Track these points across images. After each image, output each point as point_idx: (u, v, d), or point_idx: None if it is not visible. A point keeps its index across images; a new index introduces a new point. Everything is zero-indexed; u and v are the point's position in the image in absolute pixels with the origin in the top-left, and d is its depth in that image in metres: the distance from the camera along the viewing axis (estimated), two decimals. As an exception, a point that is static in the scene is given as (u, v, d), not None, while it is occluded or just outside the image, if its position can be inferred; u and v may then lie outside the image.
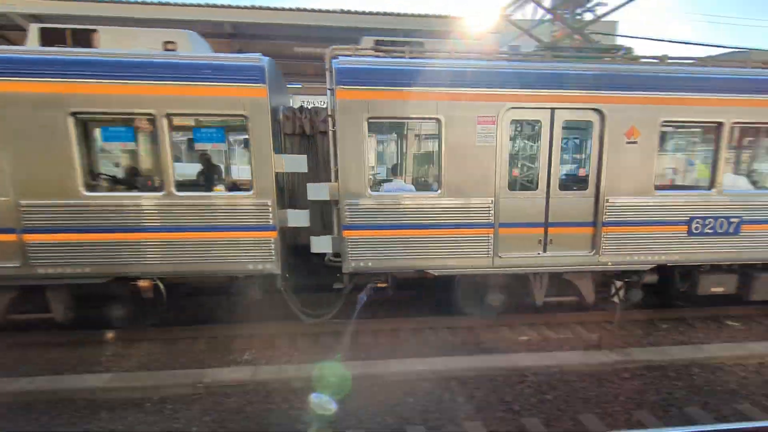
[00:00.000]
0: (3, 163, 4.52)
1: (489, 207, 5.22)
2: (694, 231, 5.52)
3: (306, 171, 5.33)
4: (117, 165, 6.04)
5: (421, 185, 6.02)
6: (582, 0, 10.25)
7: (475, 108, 5.05)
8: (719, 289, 5.93)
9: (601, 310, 6.10)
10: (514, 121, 5.32)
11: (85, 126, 5.30)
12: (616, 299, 5.37)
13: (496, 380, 4.59)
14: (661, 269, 5.73)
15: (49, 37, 5.07)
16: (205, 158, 6.34)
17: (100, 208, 4.75)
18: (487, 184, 5.20)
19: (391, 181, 5.57)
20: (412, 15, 12.71)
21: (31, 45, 5.05)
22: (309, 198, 5.20)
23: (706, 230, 5.56)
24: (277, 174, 5.04)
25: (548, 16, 11.75)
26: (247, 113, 4.81)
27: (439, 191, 5.17)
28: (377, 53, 5.29)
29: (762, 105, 5.38)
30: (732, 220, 5.56)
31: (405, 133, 6.11)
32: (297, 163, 5.23)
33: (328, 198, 5.15)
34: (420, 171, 6.34)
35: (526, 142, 5.81)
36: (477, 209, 5.22)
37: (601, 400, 4.26)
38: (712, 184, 5.54)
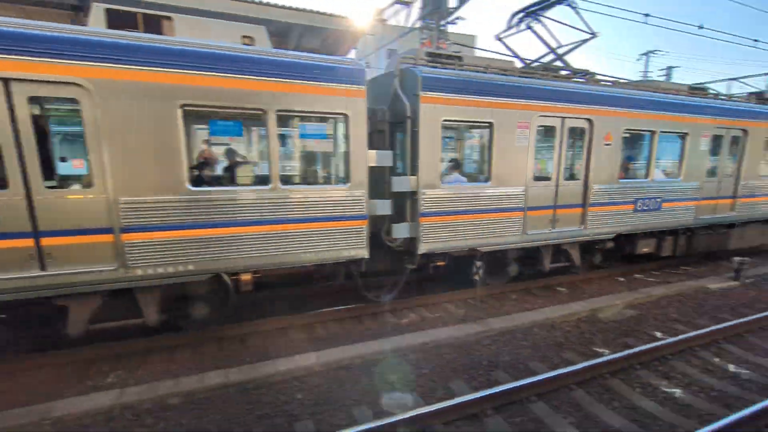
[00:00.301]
0: (103, 157, 4.04)
1: (522, 194, 6.36)
2: (638, 208, 7.52)
3: (391, 165, 5.70)
4: (223, 159, 5.62)
5: (472, 177, 6.74)
6: (445, 13, 11.22)
7: (516, 115, 6.09)
8: (646, 249, 8.15)
9: (466, 289, 6.88)
10: (540, 127, 6.40)
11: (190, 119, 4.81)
12: (476, 278, 6.09)
13: (380, 363, 4.82)
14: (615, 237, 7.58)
15: (117, 20, 4.42)
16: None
17: (207, 203, 4.52)
18: (521, 176, 6.32)
19: (448, 174, 6.23)
20: (293, 8, 12.26)
21: (96, 26, 4.29)
22: (393, 189, 5.64)
23: (644, 207, 7.60)
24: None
25: (419, 24, 12.57)
26: (348, 112, 5.05)
27: (489, 182, 6.11)
28: (438, 64, 5.89)
29: (675, 120, 7.55)
30: (657, 200, 7.70)
31: (462, 133, 6.77)
32: (385, 157, 5.57)
33: (409, 189, 5.65)
34: (472, 165, 7.15)
35: (545, 143, 6.86)
36: (514, 196, 6.31)
37: (467, 367, 4.80)
38: (647, 174, 7.57)
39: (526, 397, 4.08)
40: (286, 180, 5.19)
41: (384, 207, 5.64)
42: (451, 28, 12.72)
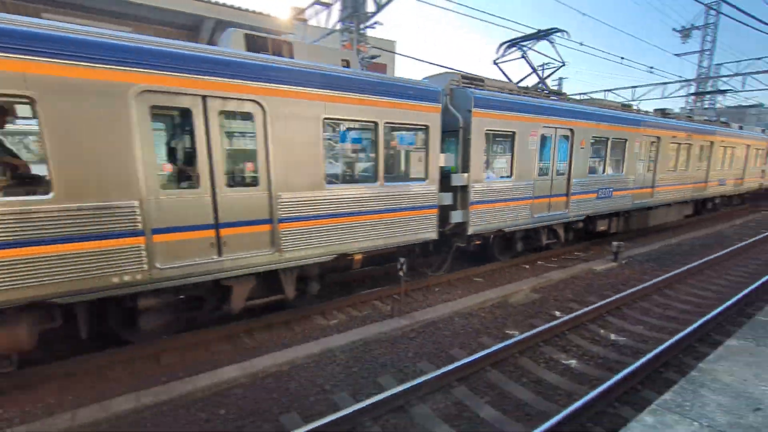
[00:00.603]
0: (268, 160, 4.77)
1: (531, 186, 8.07)
2: (599, 196, 9.69)
3: (453, 165, 6.93)
4: (341, 161, 6.69)
5: (496, 174, 8.07)
6: (364, 17, 11.31)
7: (530, 126, 7.78)
8: (603, 228, 10.37)
9: (393, 284, 7.01)
10: (542, 135, 8.09)
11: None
12: (401, 273, 6.24)
13: (310, 367, 4.70)
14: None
15: (252, 44, 5.12)
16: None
17: (335, 197, 5.44)
18: (531, 173, 8.04)
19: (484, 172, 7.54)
20: (205, 0, 11.37)
21: (236, 48, 4.94)
22: (453, 184, 6.93)
23: (602, 195, 9.76)
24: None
25: (339, 25, 12.49)
26: (429, 124, 6.30)
27: (512, 177, 7.73)
28: (471, 85, 7.28)
29: (621, 130, 9.86)
30: (610, 189, 9.96)
31: (492, 139, 7.99)
32: (449, 159, 6.77)
33: (464, 183, 6.96)
34: (498, 165, 8.47)
35: (545, 147, 8.35)
36: (526, 188, 7.97)
37: (395, 360, 4.90)
38: (604, 171, 9.82)
39: (448, 383, 4.29)
40: (386, 178, 6.07)
41: (447, 198, 6.90)
42: (372, 33, 12.85)
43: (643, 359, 4.48)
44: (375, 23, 11.56)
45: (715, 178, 14.36)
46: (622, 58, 16.02)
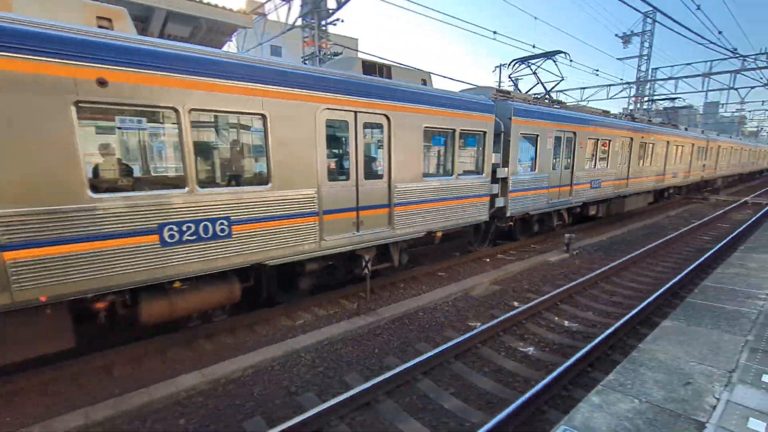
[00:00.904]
0: (390, 159, 6.33)
1: (548, 178, 10.04)
2: (592, 186, 11.76)
3: (500, 162, 8.71)
4: (431, 159, 7.84)
5: (525, 168, 9.55)
6: (325, 13, 11.15)
7: (548, 130, 9.74)
8: (593, 212, 12.47)
9: (359, 283, 7.02)
10: (555, 137, 10.02)
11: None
12: (366, 272, 6.27)
13: (274, 370, 4.60)
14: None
15: (367, 68, 6.67)
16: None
17: (428, 187, 7.00)
18: (548, 167, 9.98)
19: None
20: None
21: (357, 72, 6.50)
22: (497, 176, 8.63)
23: (594, 185, 11.83)
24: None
25: (300, 21, 12.22)
26: (486, 130, 7.95)
27: (536, 171, 9.65)
28: (504, 96, 9.17)
29: (608, 132, 12.06)
30: (599, 180, 12.05)
31: (523, 141, 9.30)
32: (498, 157, 8.58)
33: (505, 176, 8.73)
34: (524, 161, 9.64)
35: (556, 147, 10.22)
36: (545, 179, 9.95)
37: (361, 358, 4.91)
38: (594, 166, 11.83)
39: (413, 377, 4.35)
40: (459, 173, 7.64)
41: (495, 188, 8.62)
42: (336, 30, 12.68)
43: (592, 344, 4.78)
44: (336, 20, 11.44)
45: (670, 171, 16.95)
46: (571, 60, 16.86)
